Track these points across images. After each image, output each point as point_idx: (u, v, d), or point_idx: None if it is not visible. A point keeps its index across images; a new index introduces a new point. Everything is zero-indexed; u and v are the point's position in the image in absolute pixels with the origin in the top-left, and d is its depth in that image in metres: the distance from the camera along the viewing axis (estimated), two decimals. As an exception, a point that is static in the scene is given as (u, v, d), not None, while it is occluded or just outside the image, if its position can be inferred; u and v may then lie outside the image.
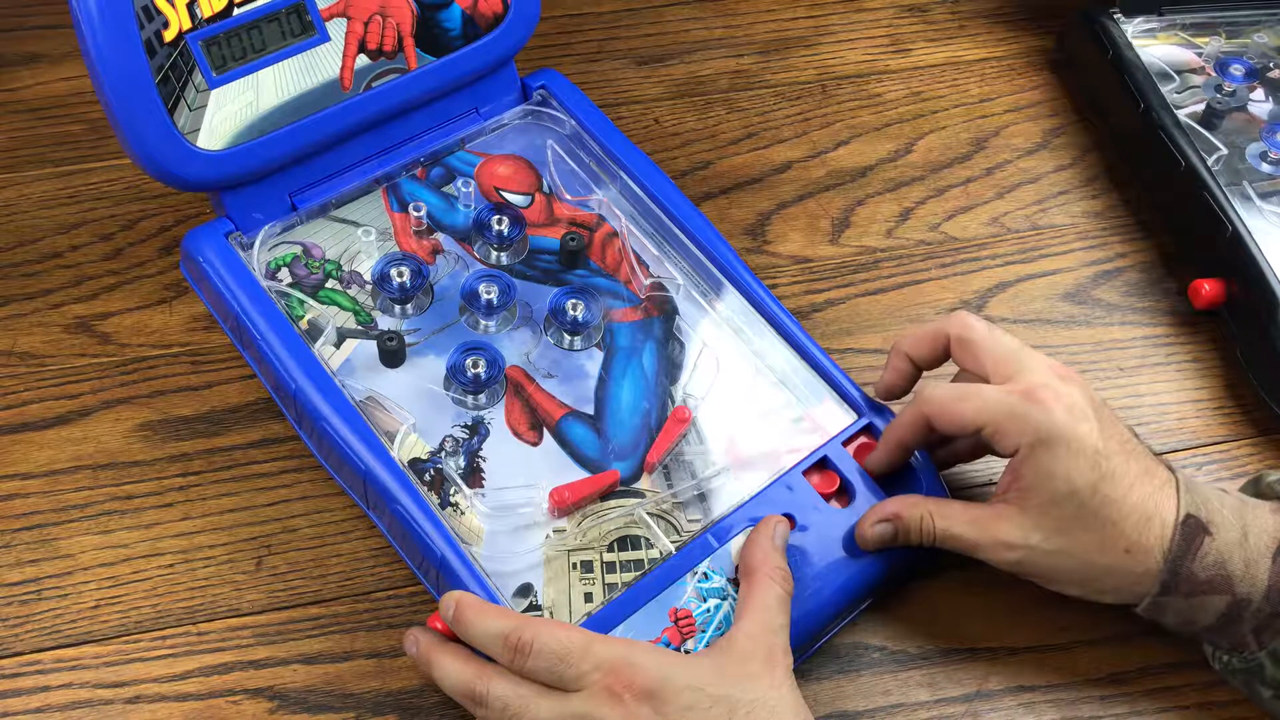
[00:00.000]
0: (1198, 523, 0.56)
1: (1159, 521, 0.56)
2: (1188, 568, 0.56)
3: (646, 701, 0.51)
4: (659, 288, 0.69)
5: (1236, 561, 0.55)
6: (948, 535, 0.59)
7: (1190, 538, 0.56)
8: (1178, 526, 0.56)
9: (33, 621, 0.60)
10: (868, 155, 0.83)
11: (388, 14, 0.66)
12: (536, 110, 0.74)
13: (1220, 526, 0.56)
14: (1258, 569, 0.55)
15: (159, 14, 0.60)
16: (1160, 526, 0.56)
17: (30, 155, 0.78)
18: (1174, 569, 0.56)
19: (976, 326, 0.60)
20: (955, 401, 0.58)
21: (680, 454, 0.63)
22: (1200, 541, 0.56)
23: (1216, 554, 0.56)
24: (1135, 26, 0.84)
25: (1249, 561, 0.55)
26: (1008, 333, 0.61)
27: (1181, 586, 0.56)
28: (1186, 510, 0.56)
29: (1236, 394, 0.73)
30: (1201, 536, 0.56)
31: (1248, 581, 0.55)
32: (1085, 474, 0.56)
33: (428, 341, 0.65)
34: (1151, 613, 0.57)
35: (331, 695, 0.59)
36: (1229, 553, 0.56)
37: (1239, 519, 0.56)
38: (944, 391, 0.59)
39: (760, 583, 0.56)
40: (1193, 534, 0.56)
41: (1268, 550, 0.56)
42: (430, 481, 0.60)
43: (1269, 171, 0.77)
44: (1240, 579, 0.55)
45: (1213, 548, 0.56)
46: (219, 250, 0.65)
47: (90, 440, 0.66)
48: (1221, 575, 0.55)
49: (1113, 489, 0.56)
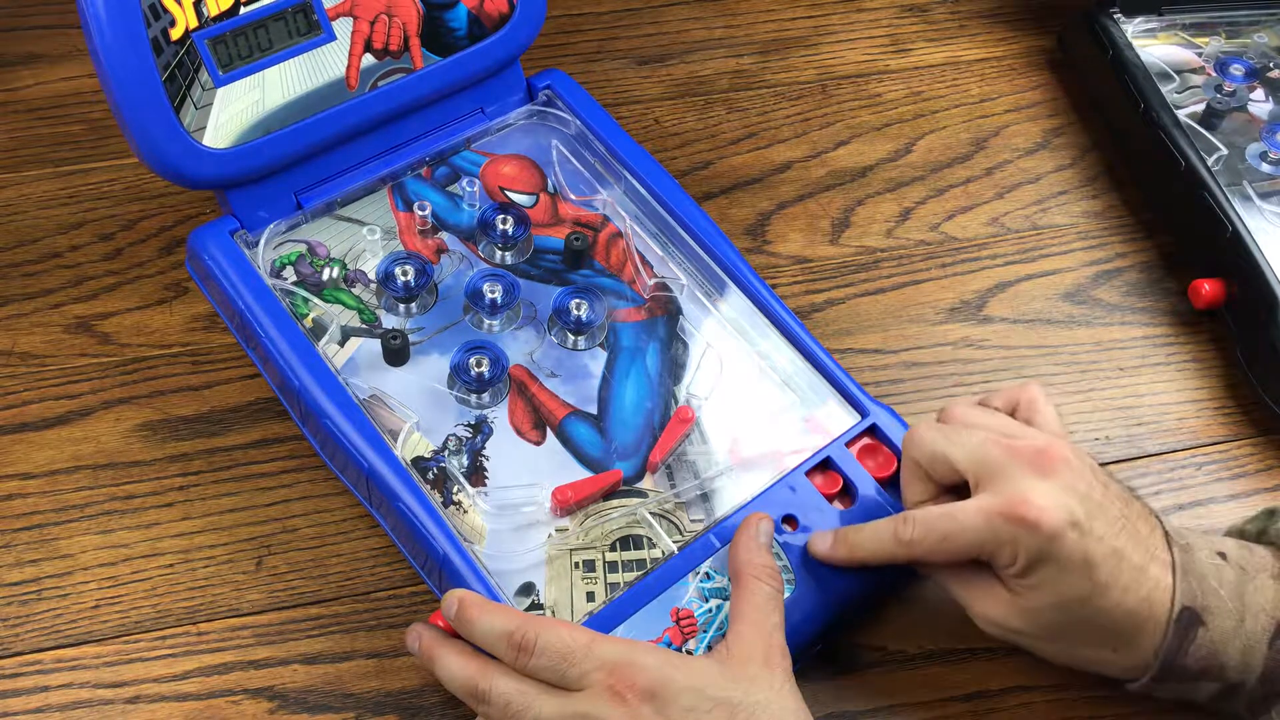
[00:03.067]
0: (1193, 615, 0.54)
1: (1152, 624, 0.54)
2: (1180, 661, 0.54)
3: (648, 702, 0.51)
4: (663, 288, 0.69)
5: (1232, 651, 0.54)
6: (936, 580, 0.58)
7: (1184, 633, 0.54)
8: (1170, 624, 0.53)
9: (33, 621, 0.60)
10: (868, 155, 0.83)
11: (394, 13, 0.66)
12: (542, 110, 0.74)
13: (1215, 614, 0.54)
14: (1253, 655, 0.54)
15: (166, 12, 0.60)
16: (1153, 628, 0.54)
17: (30, 155, 0.78)
18: (1166, 664, 0.54)
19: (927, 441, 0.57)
20: (940, 542, 0.55)
21: (683, 454, 0.63)
22: (1194, 634, 0.54)
23: (1210, 645, 0.54)
24: (1135, 26, 0.85)
25: (1245, 649, 0.54)
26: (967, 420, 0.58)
27: (1174, 676, 0.55)
28: (1182, 603, 0.54)
29: (1236, 394, 0.73)
30: (1196, 629, 0.54)
31: (1241, 668, 0.54)
32: (1076, 589, 0.53)
33: (432, 340, 0.65)
34: (1143, 691, 0.56)
35: (331, 695, 0.59)
36: (1224, 643, 0.54)
37: (1237, 600, 0.54)
38: (924, 532, 0.56)
39: (748, 584, 0.56)
40: (1186, 628, 0.53)
41: (1264, 634, 0.54)
42: (433, 480, 0.60)
43: (1269, 171, 0.77)
44: (1234, 667, 0.54)
45: (1206, 639, 0.54)
46: (224, 248, 0.65)
47: (90, 440, 0.66)
48: (1215, 665, 0.54)
49: (1104, 600, 0.53)
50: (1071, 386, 0.73)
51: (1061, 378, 0.73)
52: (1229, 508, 0.68)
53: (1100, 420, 0.71)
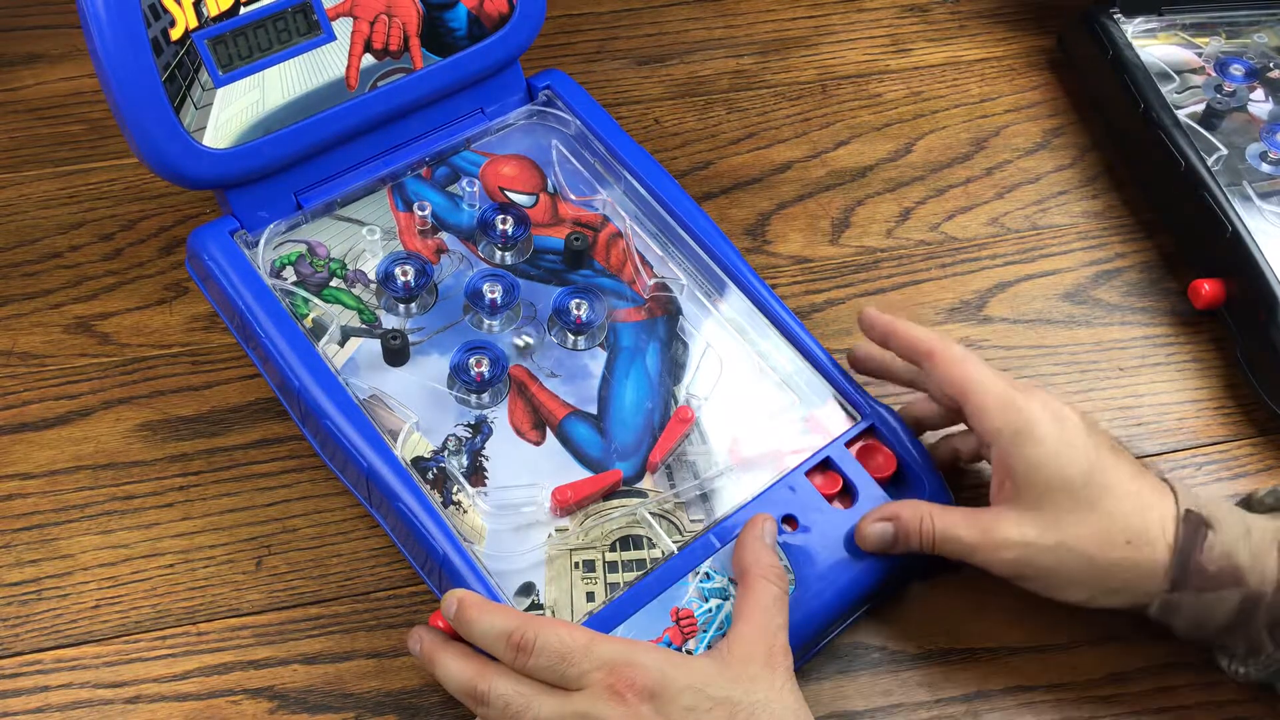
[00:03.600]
0: (1199, 517, 0.56)
1: (1159, 513, 0.56)
2: (1196, 560, 0.55)
3: (648, 701, 0.51)
4: (663, 288, 0.69)
5: (1244, 554, 0.55)
6: (946, 537, 0.58)
7: (1194, 530, 0.55)
8: (1180, 519, 0.56)
9: (33, 621, 0.60)
10: (868, 155, 0.83)
11: (393, 14, 0.66)
12: (541, 110, 0.74)
13: (1221, 521, 0.56)
14: (1266, 561, 0.55)
15: (166, 12, 0.60)
16: (1161, 518, 0.56)
17: (30, 155, 0.78)
18: (1183, 562, 0.55)
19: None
20: (959, 361, 0.59)
21: (683, 454, 0.63)
22: (1204, 535, 0.55)
23: (1222, 546, 0.55)
24: (1135, 26, 0.85)
25: (1255, 553, 0.55)
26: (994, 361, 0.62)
27: (1192, 580, 0.55)
28: (1185, 506, 0.56)
29: (1236, 394, 0.73)
30: (1205, 530, 0.55)
31: (1257, 573, 0.55)
32: (1076, 462, 0.56)
33: (431, 340, 0.65)
34: (1163, 615, 0.57)
35: (331, 695, 0.59)
36: (1234, 545, 0.55)
37: (1238, 517, 0.56)
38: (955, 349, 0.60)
39: (755, 584, 0.56)
40: (1196, 527, 0.55)
41: (1273, 543, 0.55)
42: (433, 480, 0.60)
43: (1269, 171, 0.77)
44: (1250, 570, 0.55)
45: (1218, 541, 0.55)
46: (224, 248, 0.65)
47: (90, 440, 0.66)
48: (1230, 567, 0.55)
49: (1105, 478, 0.56)
50: (1071, 386, 0.73)
51: (1061, 378, 0.73)
52: (1229, 508, 0.68)
53: (1100, 420, 0.71)
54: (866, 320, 0.64)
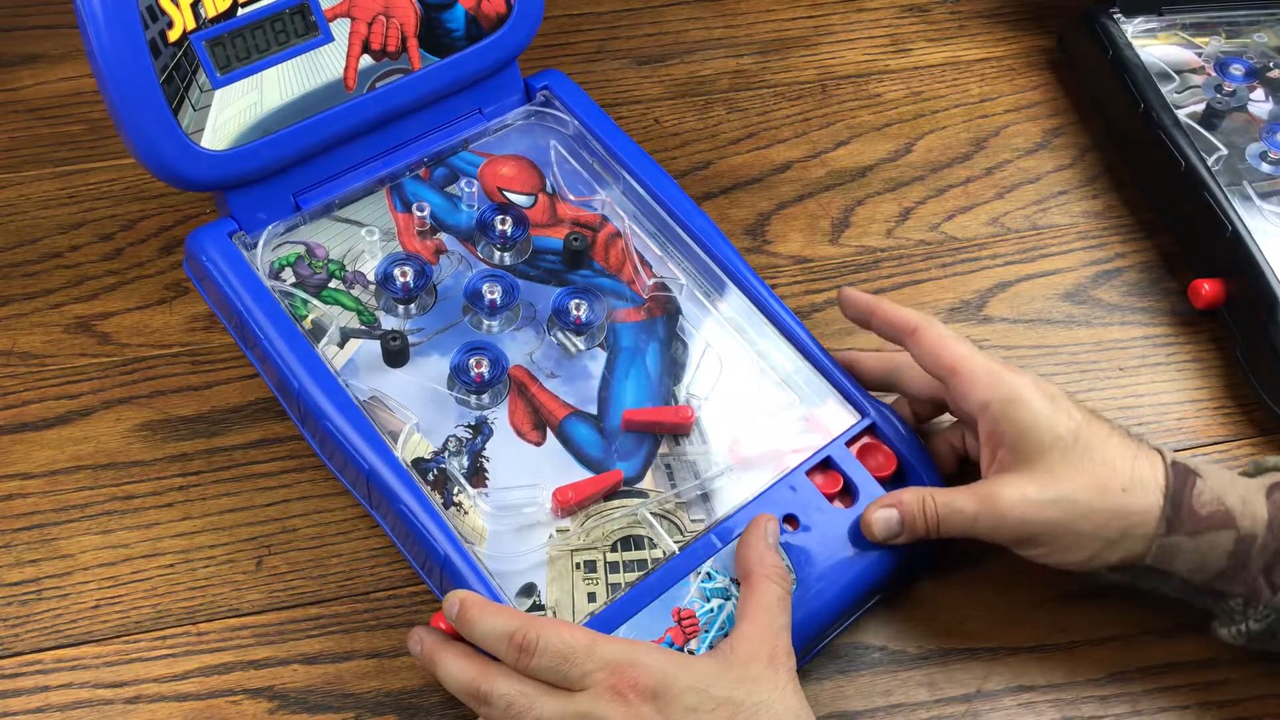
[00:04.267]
0: (1185, 467, 0.58)
1: (1149, 462, 0.58)
2: (1188, 503, 0.56)
3: (650, 701, 0.51)
4: (662, 288, 0.69)
5: (1233, 498, 0.57)
6: (949, 510, 0.59)
7: (1183, 477, 0.57)
8: (1169, 466, 0.57)
9: (33, 621, 0.60)
10: (868, 155, 0.83)
11: (391, 14, 0.66)
12: (540, 111, 0.74)
13: (1208, 472, 0.58)
14: (1255, 505, 0.57)
15: (163, 14, 0.60)
16: (1151, 466, 0.57)
17: (30, 155, 0.78)
18: (1175, 502, 0.56)
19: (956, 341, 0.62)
20: (946, 337, 0.61)
21: (683, 454, 0.63)
22: (1193, 482, 0.57)
23: (1211, 491, 0.57)
24: (1135, 26, 0.85)
25: (1245, 499, 0.57)
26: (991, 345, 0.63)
27: (1185, 523, 0.56)
28: (1171, 459, 0.58)
29: (1236, 394, 0.73)
30: (1193, 478, 0.57)
31: (1249, 516, 0.56)
32: (1063, 421, 0.58)
33: (431, 341, 0.65)
34: (1161, 560, 0.57)
35: (331, 695, 0.59)
36: (1223, 490, 0.57)
37: (1223, 471, 0.58)
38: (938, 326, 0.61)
39: (759, 584, 0.56)
40: (1184, 474, 0.57)
41: (1260, 489, 0.57)
42: (434, 481, 0.60)
43: (1269, 171, 0.77)
44: (1241, 514, 0.56)
45: (1206, 487, 0.57)
46: (223, 250, 0.65)
47: (90, 440, 0.66)
48: (1222, 510, 0.56)
49: (1093, 435, 0.58)
50: (1072, 386, 0.72)
51: (1061, 378, 0.73)
52: (1229, 507, 0.68)
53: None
54: (846, 299, 0.65)
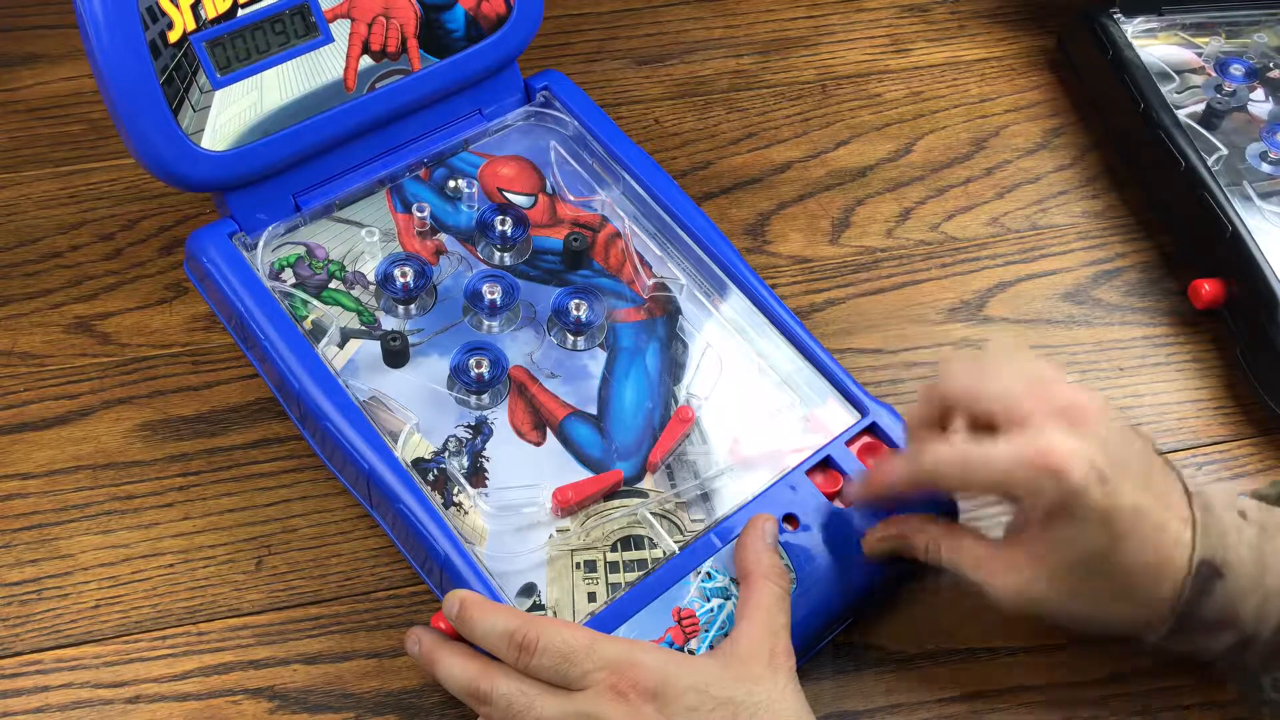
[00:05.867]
0: (1211, 568, 0.54)
1: (1170, 579, 0.54)
2: (1198, 614, 0.54)
3: (650, 701, 0.51)
4: (662, 288, 0.69)
5: (1250, 604, 0.54)
6: (953, 567, 0.58)
7: (1202, 585, 0.54)
8: (1189, 579, 0.53)
9: (33, 621, 0.60)
10: (868, 155, 0.83)
11: (391, 15, 0.66)
12: (539, 111, 0.74)
13: (1234, 566, 0.54)
14: (1269, 608, 0.54)
15: (163, 15, 0.60)
16: (1171, 582, 0.54)
17: (30, 155, 0.78)
18: (1184, 616, 0.54)
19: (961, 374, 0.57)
20: (963, 470, 0.55)
21: (683, 454, 0.63)
22: (1212, 587, 0.54)
23: (1227, 597, 0.54)
24: (1135, 26, 0.85)
25: (1262, 603, 0.54)
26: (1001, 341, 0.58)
27: (1190, 628, 0.55)
28: (1201, 556, 0.53)
29: (1236, 394, 0.73)
30: (1214, 582, 0.54)
31: (1256, 620, 0.54)
32: (1097, 540, 0.53)
33: (431, 342, 0.65)
34: (1159, 646, 0.56)
35: (331, 695, 0.59)
36: (1241, 597, 0.54)
37: (1256, 556, 0.54)
38: (949, 454, 0.55)
39: (757, 584, 0.56)
40: (1205, 580, 0.54)
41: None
42: (434, 481, 0.60)
43: (1269, 171, 0.77)
44: (1250, 620, 0.54)
45: (1224, 592, 0.54)
46: (223, 251, 0.65)
47: (90, 440, 0.66)
48: (1231, 616, 0.54)
49: (1124, 554, 0.53)
50: (1071, 386, 0.73)
51: (1061, 378, 0.73)
52: (1229, 508, 0.68)
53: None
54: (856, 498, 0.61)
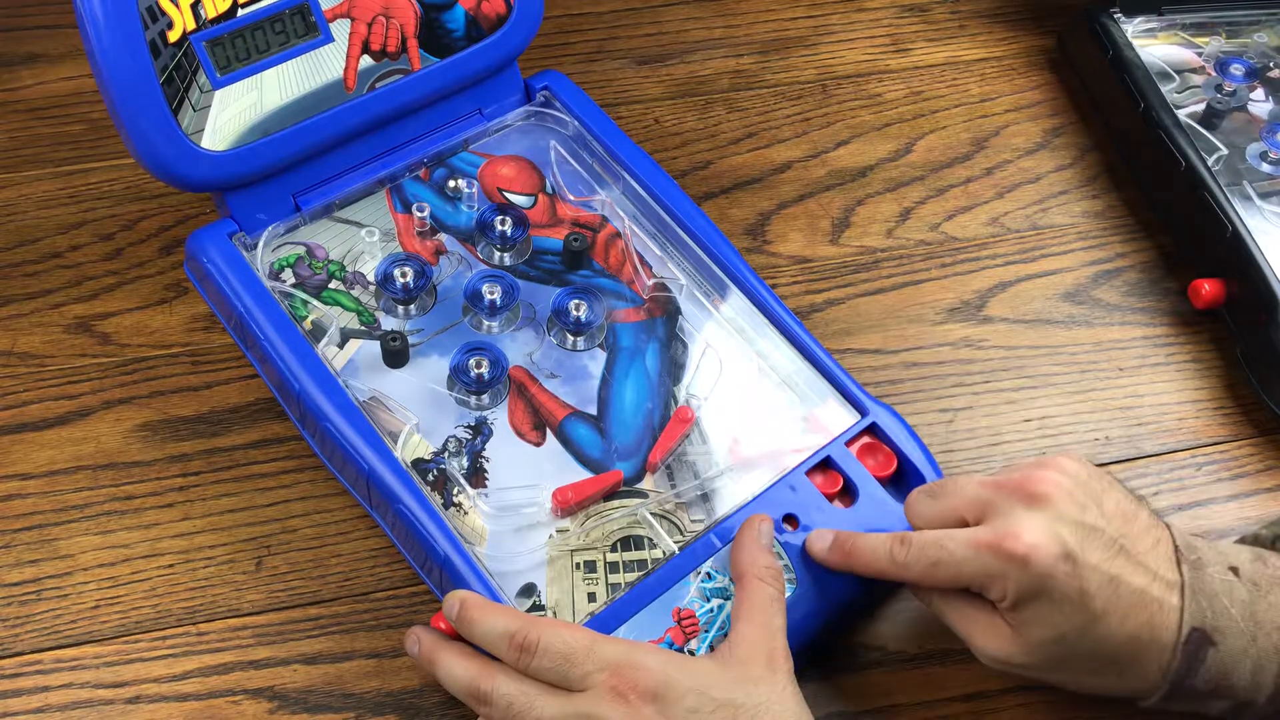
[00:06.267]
0: (1202, 635, 0.52)
1: (1156, 647, 0.53)
2: (1190, 682, 0.53)
3: (651, 703, 0.51)
4: (662, 288, 0.69)
5: (1243, 671, 0.53)
6: (941, 616, 0.57)
7: (1193, 654, 0.53)
8: (1179, 648, 0.52)
9: (33, 621, 0.60)
10: (868, 155, 0.83)
11: (391, 15, 0.66)
12: (539, 111, 0.74)
13: (1226, 633, 0.53)
14: (1264, 675, 0.53)
15: (163, 15, 0.60)
16: (1158, 651, 0.53)
17: (30, 155, 0.78)
18: (1176, 685, 0.53)
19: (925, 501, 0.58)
20: (930, 568, 0.55)
21: (683, 454, 0.63)
22: (1204, 655, 0.53)
23: (1220, 665, 0.53)
24: (1135, 26, 0.85)
25: (1256, 669, 0.53)
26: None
27: (1184, 696, 0.54)
28: (1191, 624, 0.52)
29: (1236, 394, 0.73)
30: (1206, 650, 0.53)
31: (1251, 687, 0.53)
32: (1071, 620, 0.52)
33: (431, 342, 0.65)
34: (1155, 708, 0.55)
35: (331, 695, 0.59)
36: (1234, 663, 0.53)
37: (1249, 618, 0.53)
38: (918, 555, 0.55)
39: (752, 585, 0.56)
40: (1196, 649, 0.53)
41: (1276, 653, 0.53)
42: (433, 482, 0.60)
43: (1269, 171, 0.77)
44: (1245, 687, 0.53)
45: (1216, 659, 0.53)
46: (222, 251, 0.65)
47: (90, 440, 0.66)
48: (1225, 684, 0.53)
49: (1102, 628, 0.52)
50: (1071, 386, 0.73)
51: (1061, 378, 0.73)
52: (1229, 508, 0.68)
53: (1100, 420, 0.71)
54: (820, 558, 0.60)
